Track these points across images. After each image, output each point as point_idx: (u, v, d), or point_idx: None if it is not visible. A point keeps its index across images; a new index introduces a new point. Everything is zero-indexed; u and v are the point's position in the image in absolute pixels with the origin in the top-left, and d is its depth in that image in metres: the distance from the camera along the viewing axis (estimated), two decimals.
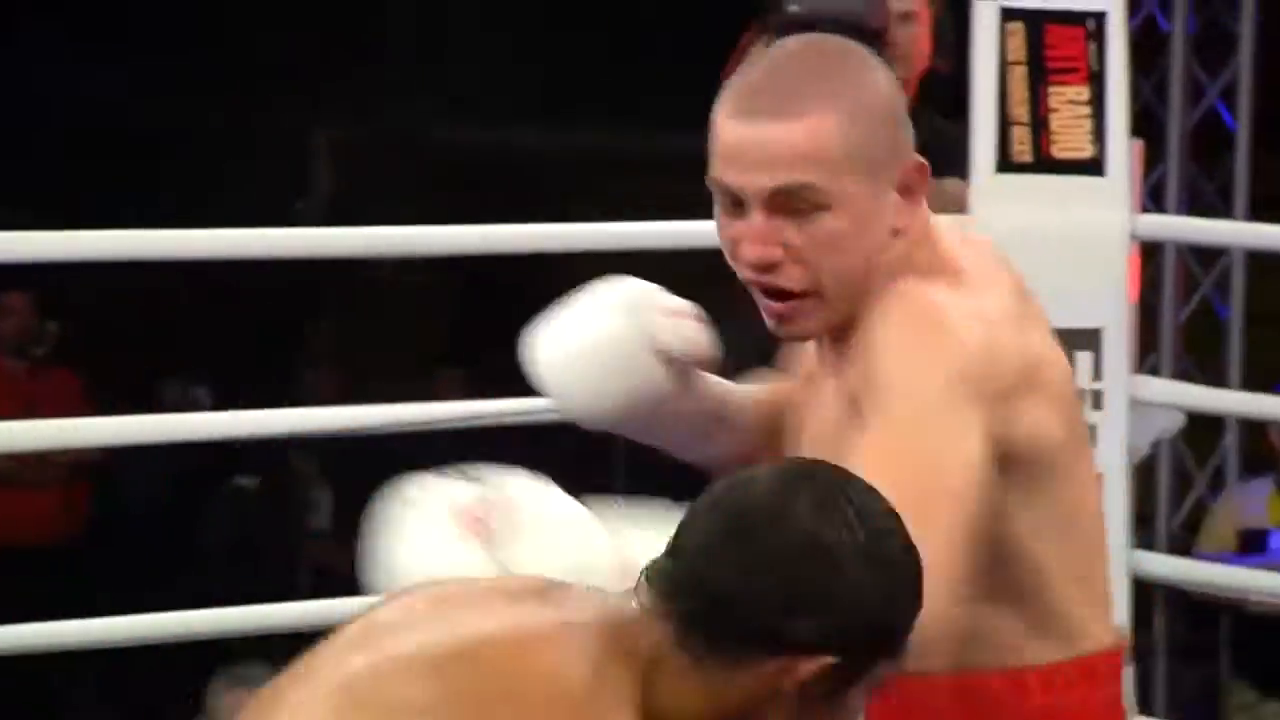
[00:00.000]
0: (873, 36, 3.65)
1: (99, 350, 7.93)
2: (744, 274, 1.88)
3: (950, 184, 3.93)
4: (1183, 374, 6.24)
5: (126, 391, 7.17)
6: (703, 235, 2.63)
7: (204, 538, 7.96)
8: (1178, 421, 4.76)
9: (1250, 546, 6.46)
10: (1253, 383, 6.29)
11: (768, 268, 1.80)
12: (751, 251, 1.82)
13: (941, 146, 3.64)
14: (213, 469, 8.01)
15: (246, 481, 8.60)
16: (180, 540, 7.88)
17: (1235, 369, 6.54)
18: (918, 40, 4.06)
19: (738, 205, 1.84)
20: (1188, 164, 6.09)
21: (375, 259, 7.11)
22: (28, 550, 6.87)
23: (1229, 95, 6.04)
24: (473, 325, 9.43)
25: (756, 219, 1.80)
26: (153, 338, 8.67)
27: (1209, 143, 6.17)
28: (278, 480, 8.22)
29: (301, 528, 8.23)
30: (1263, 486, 6.57)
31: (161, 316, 7.96)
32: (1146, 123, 5.69)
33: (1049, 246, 3.90)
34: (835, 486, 1.54)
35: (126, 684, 6.92)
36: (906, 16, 4.02)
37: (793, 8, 3.89)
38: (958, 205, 3.93)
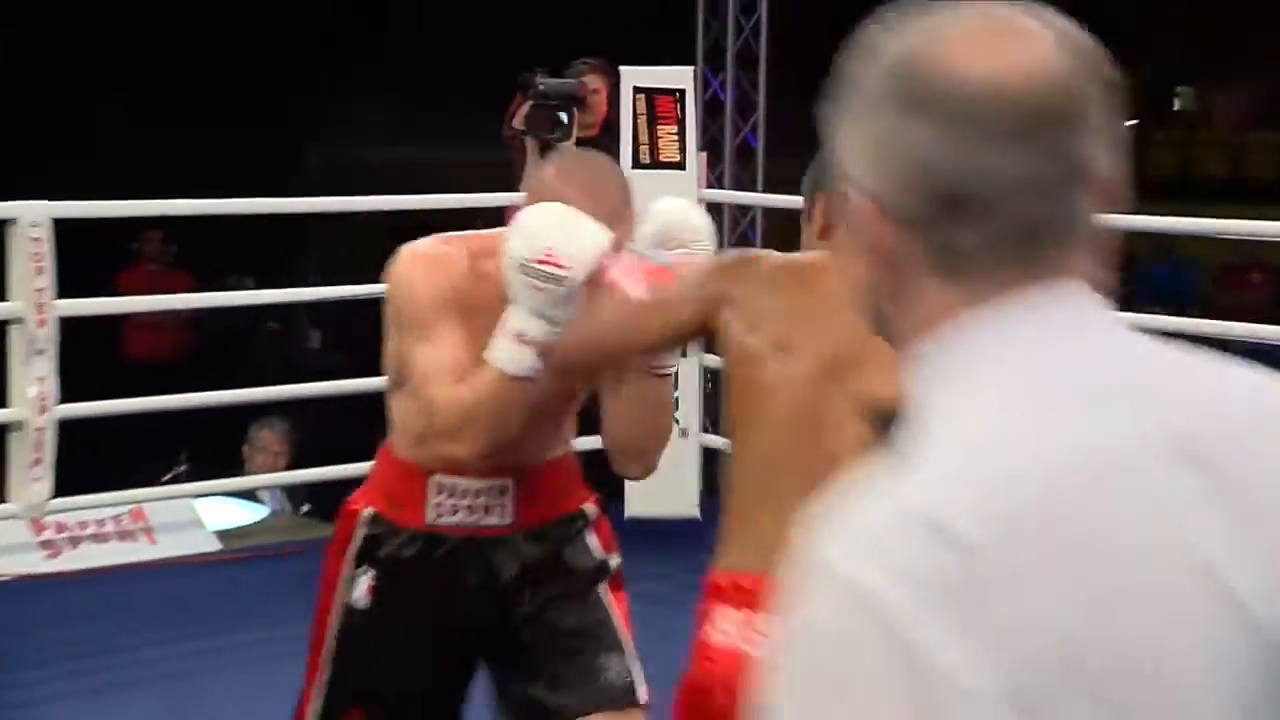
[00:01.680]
0: (580, 102, 5.45)
1: (197, 259, 9.79)
2: None
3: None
4: None
5: (209, 281, 9.09)
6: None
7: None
8: None
9: None
10: None
11: None
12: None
13: (612, 151, 5.15)
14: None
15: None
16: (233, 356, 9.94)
17: None
18: (600, 104, 5.68)
19: None
20: (734, 165, 7.58)
21: None
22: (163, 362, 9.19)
23: (754, 129, 7.63)
24: None
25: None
26: (221, 251, 10.07)
27: (743, 154, 7.68)
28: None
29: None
30: None
31: (226, 238, 9.29)
32: (710, 145, 7.23)
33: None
34: None
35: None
36: (595, 92, 5.65)
37: (540, 86, 5.38)
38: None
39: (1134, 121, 12.15)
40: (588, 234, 2.31)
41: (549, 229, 2.31)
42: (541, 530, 2.55)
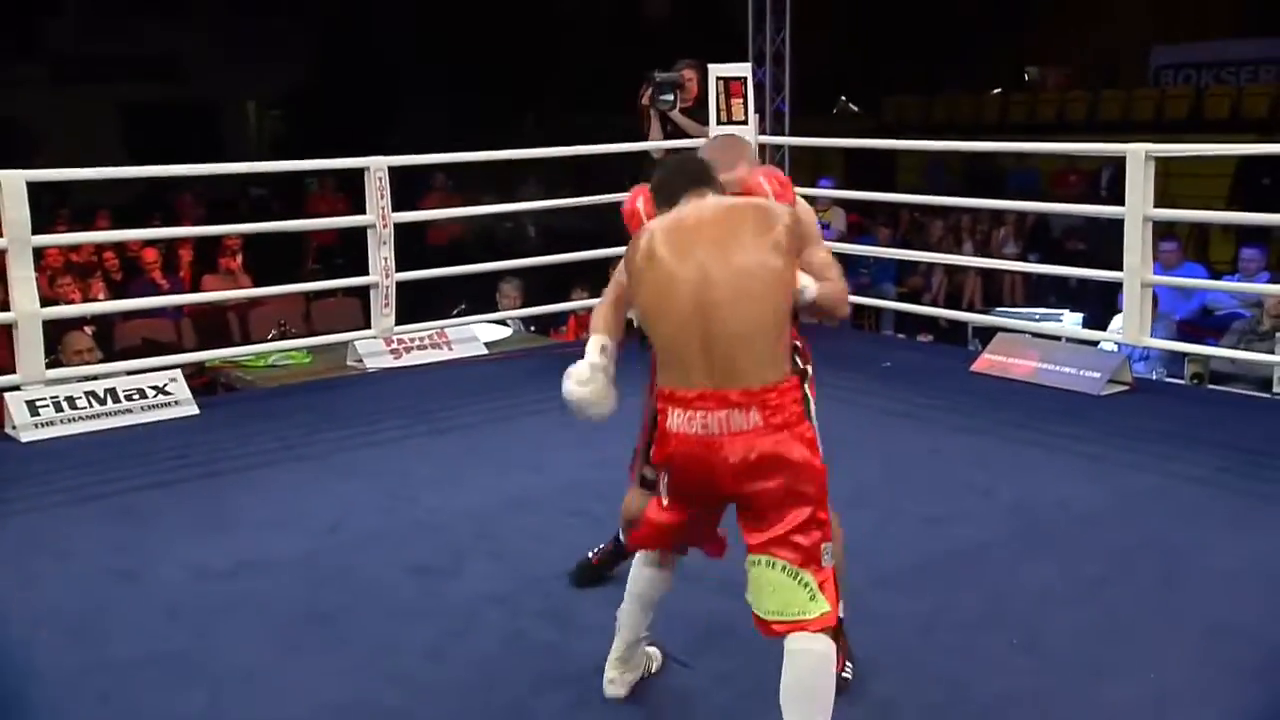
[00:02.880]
0: (681, 86, 5.24)
1: (465, 188, 9.25)
2: None
3: (703, 129, 5.21)
4: None
5: (472, 201, 7.61)
6: None
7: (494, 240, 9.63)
8: None
9: None
10: None
11: None
12: None
13: (701, 116, 5.33)
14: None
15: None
16: (486, 243, 9.27)
17: None
18: (694, 87, 5.36)
19: None
20: (772, 121, 7.12)
21: None
22: (452, 246, 8.69)
23: (783, 100, 7.25)
24: None
25: None
26: (479, 181, 9.42)
27: (777, 116, 7.22)
28: None
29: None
30: None
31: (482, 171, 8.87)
32: (759, 110, 6.72)
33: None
34: None
35: None
36: (691, 79, 5.35)
37: (657, 76, 5.21)
38: (704, 135, 5.14)
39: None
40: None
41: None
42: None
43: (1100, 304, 5.91)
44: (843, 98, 14.30)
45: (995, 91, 13.25)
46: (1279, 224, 5.58)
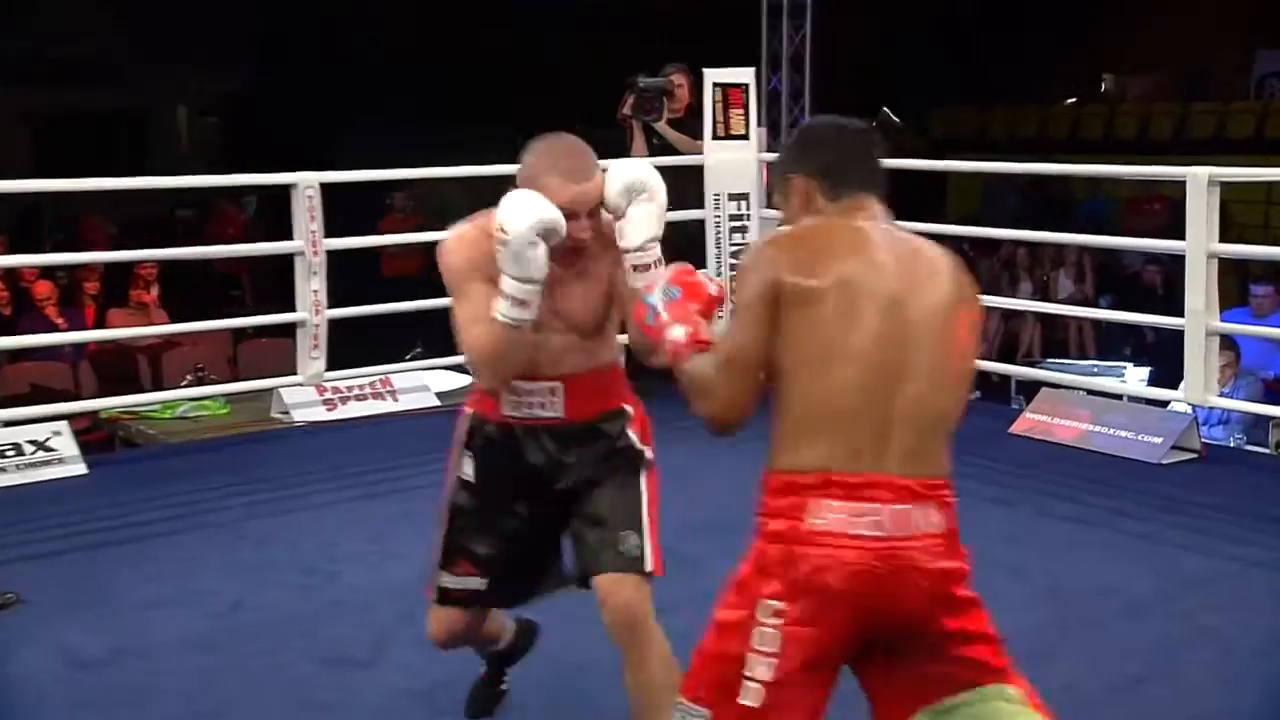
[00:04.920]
0: (669, 94, 5.45)
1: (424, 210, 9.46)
2: (568, 244, 2.22)
3: (695, 144, 5.49)
4: None
5: (439, 225, 7.80)
6: None
7: None
8: (773, 225, 6.39)
9: None
10: None
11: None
12: (583, 234, 2.25)
13: (694, 128, 5.56)
14: None
15: None
16: None
17: None
18: (684, 95, 5.58)
19: (571, 217, 2.22)
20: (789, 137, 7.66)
21: None
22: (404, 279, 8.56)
23: (803, 111, 7.44)
24: None
25: (584, 221, 2.25)
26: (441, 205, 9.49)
27: (794, 128, 7.16)
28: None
29: None
30: None
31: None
32: (772, 124, 7.09)
33: (735, 164, 5.54)
34: None
35: None
36: (680, 86, 5.56)
37: (641, 83, 5.42)
38: (697, 151, 5.48)
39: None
40: (530, 210, 2.17)
41: (505, 206, 2.18)
42: (586, 422, 2.35)
43: (1178, 357, 6.00)
44: (884, 108, 14.43)
45: (1067, 102, 13.42)
46: None
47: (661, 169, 5.79)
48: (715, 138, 5.56)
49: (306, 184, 4.90)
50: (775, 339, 1.76)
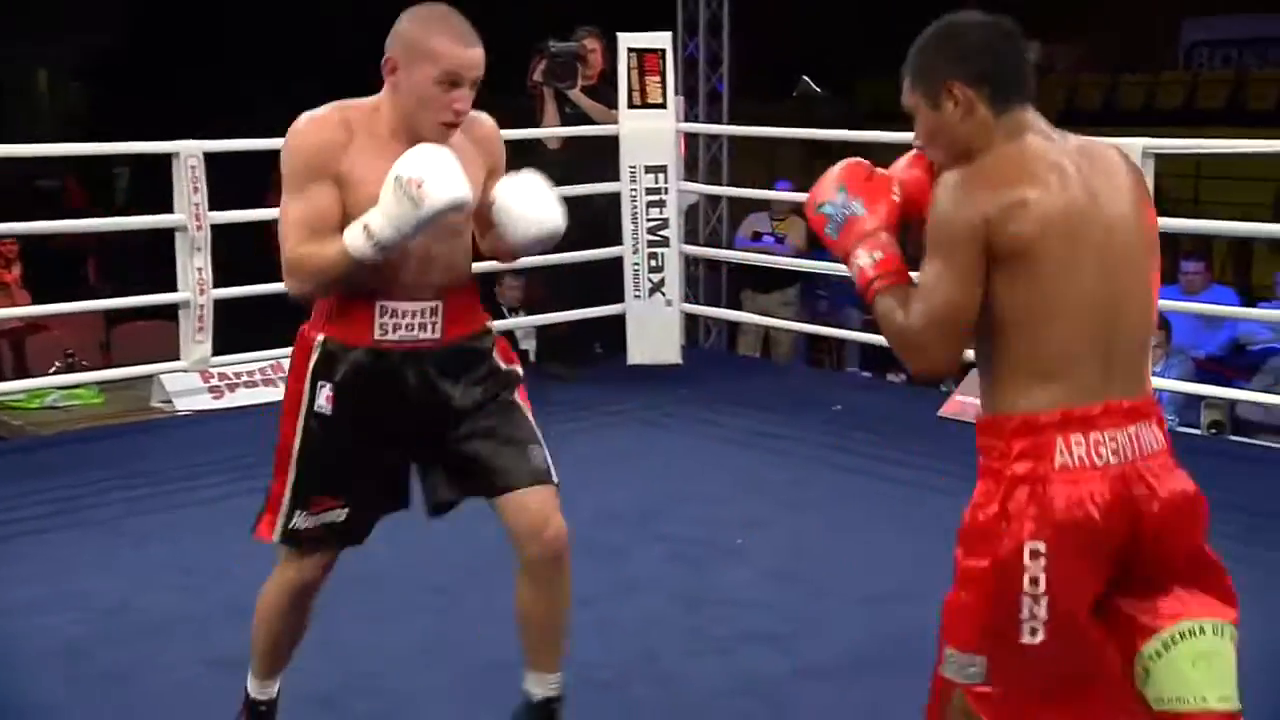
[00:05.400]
0: (582, 59, 5.42)
1: None
2: (448, 116, 2.17)
3: (610, 113, 5.53)
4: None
5: None
6: None
7: None
8: (693, 199, 6.41)
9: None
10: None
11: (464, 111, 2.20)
12: (464, 106, 2.20)
13: (608, 96, 5.57)
14: None
15: None
16: None
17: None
18: (597, 60, 5.58)
19: (455, 84, 2.17)
20: (707, 105, 7.43)
21: None
22: None
23: (721, 78, 7.47)
24: None
25: (467, 91, 2.19)
26: None
27: (713, 98, 7.54)
28: None
29: None
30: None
31: None
32: (689, 91, 7.22)
33: (652, 135, 5.58)
34: None
35: None
36: (593, 51, 5.54)
37: (552, 47, 5.36)
38: (612, 120, 5.51)
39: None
40: (455, 184, 2.11)
41: (428, 164, 2.10)
42: (462, 342, 2.33)
43: None
44: (805, 78, 14.50)
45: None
46: None
47: (576, 140, 5.84)
48: (631, 106, 5.57)
49: (189, 153, 4.81)
50: (983, 289, 1.76)
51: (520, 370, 2.42)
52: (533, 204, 2.29)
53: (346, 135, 2.19)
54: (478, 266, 2.47)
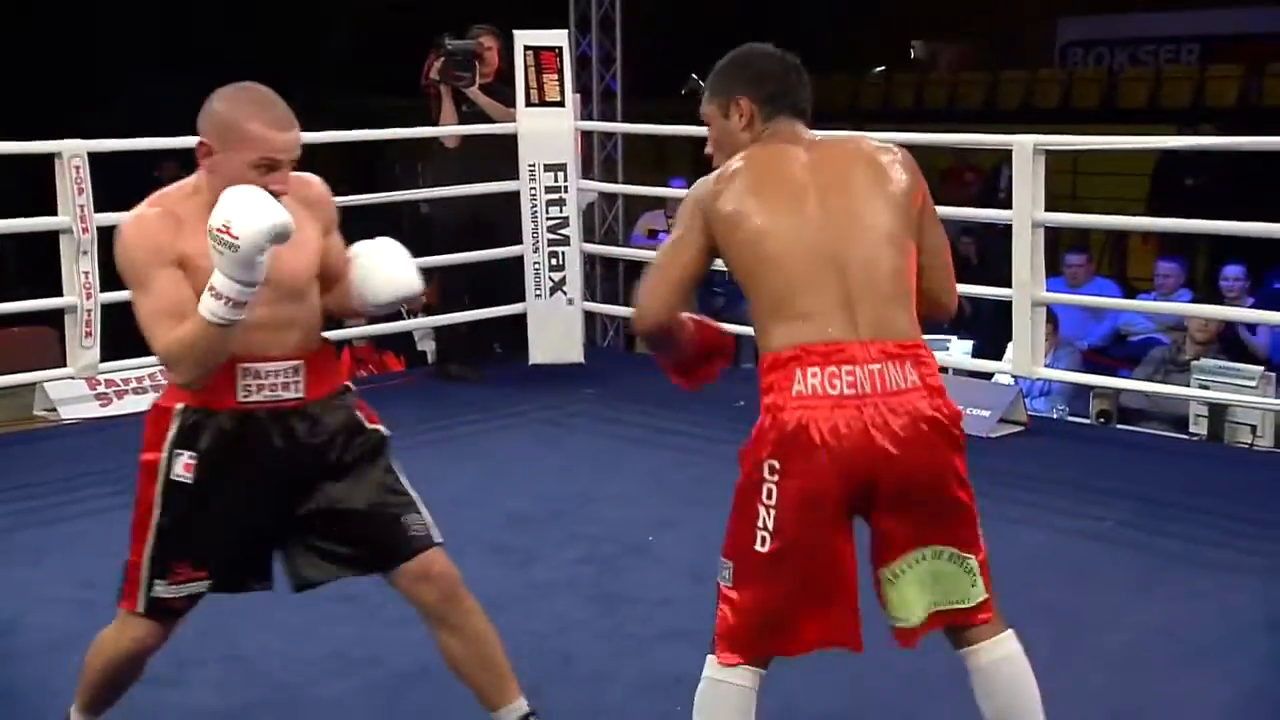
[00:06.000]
0: (479, 57, 5.38)
1: None
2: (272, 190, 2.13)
3: (508, 111, 5.48)
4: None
5: None
6: None
7: None
8: (591, 197, 6.32)
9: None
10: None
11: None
12: (282, 186, 2.17)
13: (505, 94, 5.53)
14: None
15: None
16: None
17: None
18: (494, 58, 5.53)
19: (272, 168, 2.16)
20: (600, 103, 7.35)
21: None
22: None
23: (614, 77, 7.39)
24: None
25: (285, 172, 2.18)
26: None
27: (607, 96, 7.42)
28: None
29: None
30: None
31: None
32: (583, 89, 6.88)
33: (551, 133, 5.55)
34: None
35: None
36: (490, 49, 5.50)
37: (449, 45, 5.32)
38: (510, 119, 5.47)
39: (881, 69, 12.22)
40: (264, 214, 2.07)
41: (232, 205, 2.08)
42: (325, 400, 2.32)
43: (999, 329, 6.20)
44: (692, 75, 14.57)
45: (877, 71, 13.88)
46: (1203, 232, 5.58)
47: (475, 138, 5.80)
48: (529, 104, 5.54)
49: (72, 153, 4.67)
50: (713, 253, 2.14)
51: (384, 430, 2.40)
52: (393, 265, 2.34)
53: (175, 222, 2.19)
54: None
